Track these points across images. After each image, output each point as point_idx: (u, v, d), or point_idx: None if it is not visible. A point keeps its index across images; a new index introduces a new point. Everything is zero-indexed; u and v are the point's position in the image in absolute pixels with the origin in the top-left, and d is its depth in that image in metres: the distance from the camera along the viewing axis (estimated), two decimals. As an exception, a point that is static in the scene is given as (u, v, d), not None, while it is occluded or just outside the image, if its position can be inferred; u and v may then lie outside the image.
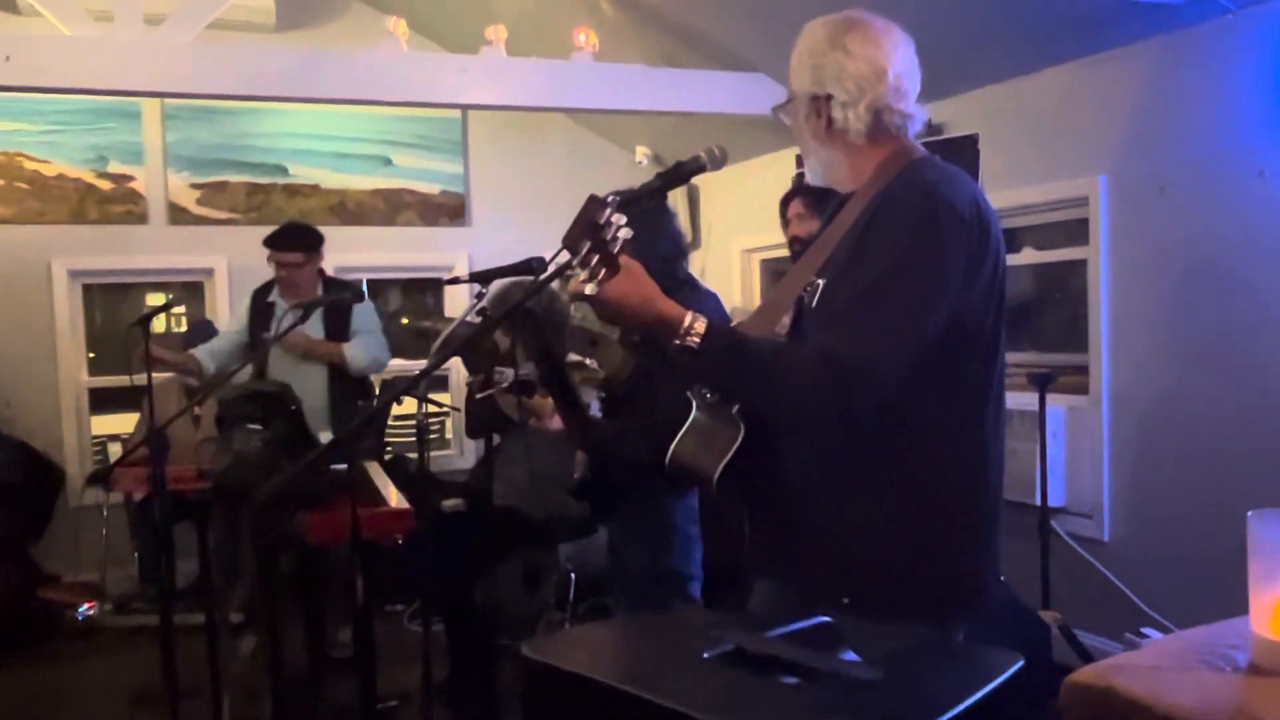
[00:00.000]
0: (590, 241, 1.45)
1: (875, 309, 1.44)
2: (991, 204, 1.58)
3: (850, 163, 1.61)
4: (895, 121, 1.58)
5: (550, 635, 2.68)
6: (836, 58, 1.56)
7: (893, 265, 1.45)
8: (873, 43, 1.57)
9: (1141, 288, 3.56)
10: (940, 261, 1.44)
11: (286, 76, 4.13)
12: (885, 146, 1.59)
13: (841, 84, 1.56)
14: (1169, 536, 3.48)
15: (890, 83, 1.56)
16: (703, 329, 1.46)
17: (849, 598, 1.49)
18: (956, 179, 1.53)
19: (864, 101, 1.55)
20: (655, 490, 2.41)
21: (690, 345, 1.46)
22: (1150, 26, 3.38)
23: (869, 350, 1.42)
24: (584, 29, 4.45)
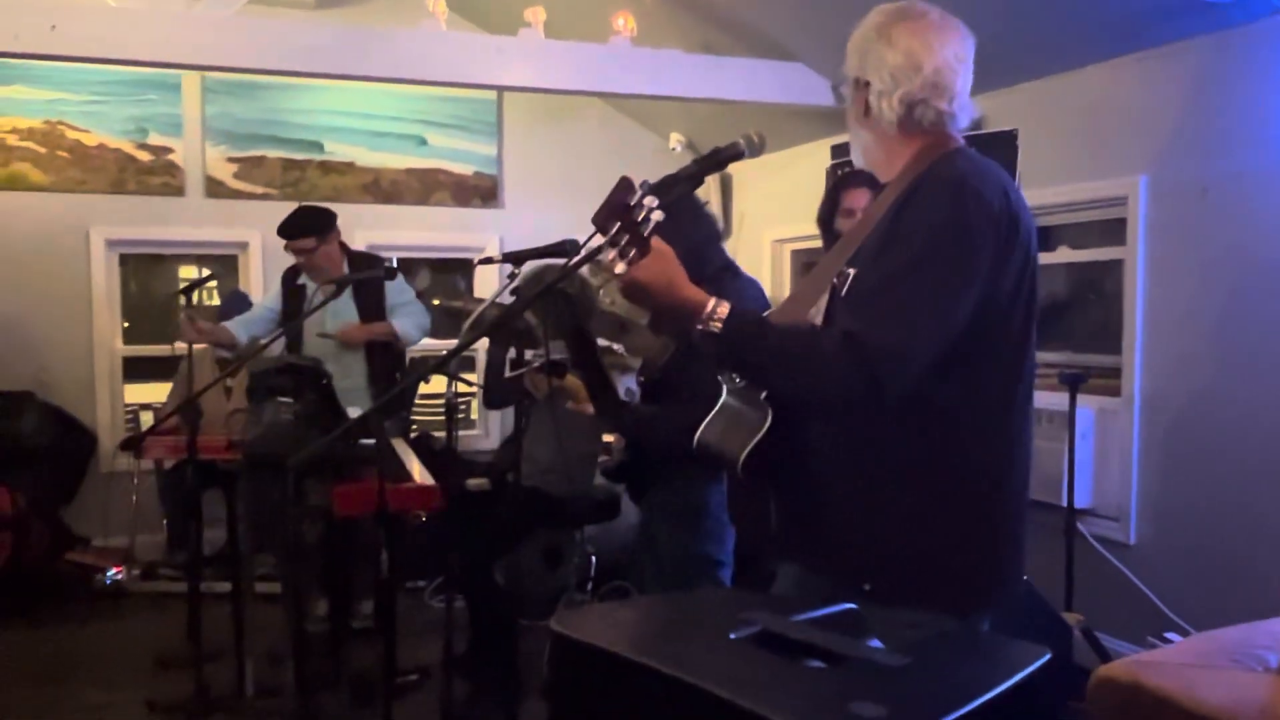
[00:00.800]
0: (621, 222, 1.45)
1: (899, 293, 1.44)
2: (1027, 200, 1.58)
3: (884, 150, 1.63)
4: (929, 116, 1.58)
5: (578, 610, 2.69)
6: (879, 47, 1.58)
7: (918, 251, 1.45)
8: (918, 36, 1.57)
9: (1179, 290, 3.52)
10: (967, 248, 1.44)
11: (325, 53, 4.16)
12: (918, 139, 1.59)
13: (879, 73, 1.57)
14: (1195, 542, 3.45)
15: (926, 77, 1.56)
16: (725, 313, 1.46)
17: (871, 585, 1.50)
18: (988, 170, 1.53)
19: (897, 93, 1.56)
20: (691, 474, 2.42)
21: (713, 330, 1.46)
22: (1197, 25, 3.33)
23: (892, 333, 1.41)
24: (623, 13, 4.45)
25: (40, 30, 3.74)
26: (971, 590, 1.54)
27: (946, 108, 1.58)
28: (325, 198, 5.48)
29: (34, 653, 4.00)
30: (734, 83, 4.58)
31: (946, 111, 1.59)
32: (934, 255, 1.44)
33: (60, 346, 5.20)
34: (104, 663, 3.91)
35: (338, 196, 5.50)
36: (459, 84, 4.89)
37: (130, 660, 3.91)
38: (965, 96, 1.61)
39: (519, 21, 4.41)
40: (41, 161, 5.12)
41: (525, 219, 5.86)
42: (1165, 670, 1.00)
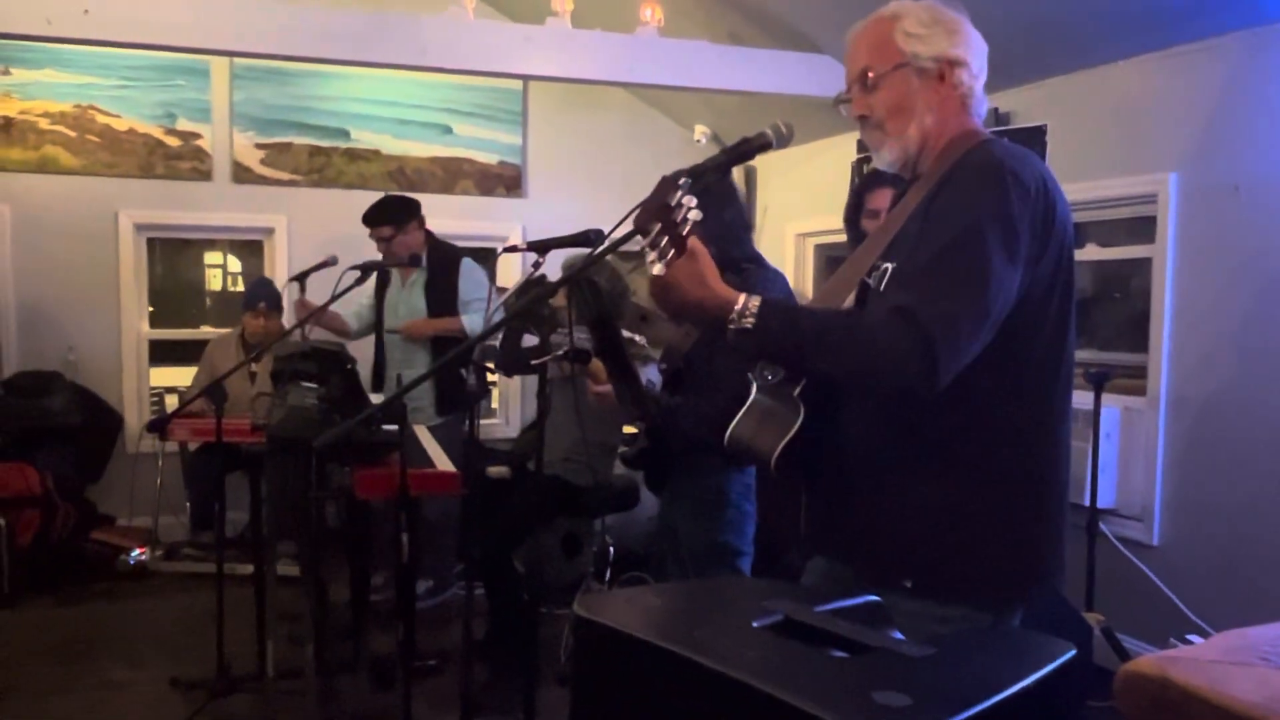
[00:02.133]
0: (661, 223, 1.45)
1: (947, 268, 1.42)
2: (1062, 190, 1.57)
3: (937, 136, 1.61)
4: (983, 106, 1.64)
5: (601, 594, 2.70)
6: (967, 28, 1.61)
7: (964, 229, 1.44)
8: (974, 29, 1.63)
9: (1208, 290, 3.48)
10: (1010, 226, 1.43)
11: (353, 40, 4.17)
12: (960, 124, 1.60)
13: (972, 52, 1.60)
14: (1219, 544, 3.42)
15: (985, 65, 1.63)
16: (756, 307, 1.45)
17: (914, 579, 1.49)
18: (1025, 157, 1.53)
19: (982, 75, 1.62)
20: (712, 463, 2.42)
21: (745, 327, 1.45)
22: (1229, 21, 3.29)
23: (948, 305, 1.38)
24: (650, 3, 4.43)
25: (74, 15, 3.78)
26: (1013, 583, 1.53)
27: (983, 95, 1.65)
28: (350, 185, 5.52)
29: (59, 630, 4.06)
30: (760, 74, 4.56)
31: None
32: (978, 232, 1.42)
33: (88, 329, 5.26)
34: (127, 641, 3.96)
35: (363, 183, 5.53)
36: (485, 73, 4.89)
37: (153, 639, 3.96)
38: None
39: (546, 10, 4.40)
40: (72, 145, 5.17)
41: (549, 208, 5.87)
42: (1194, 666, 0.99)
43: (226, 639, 3.27)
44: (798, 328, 1.46)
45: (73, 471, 4.96)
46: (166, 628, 4.09)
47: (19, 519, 4.52)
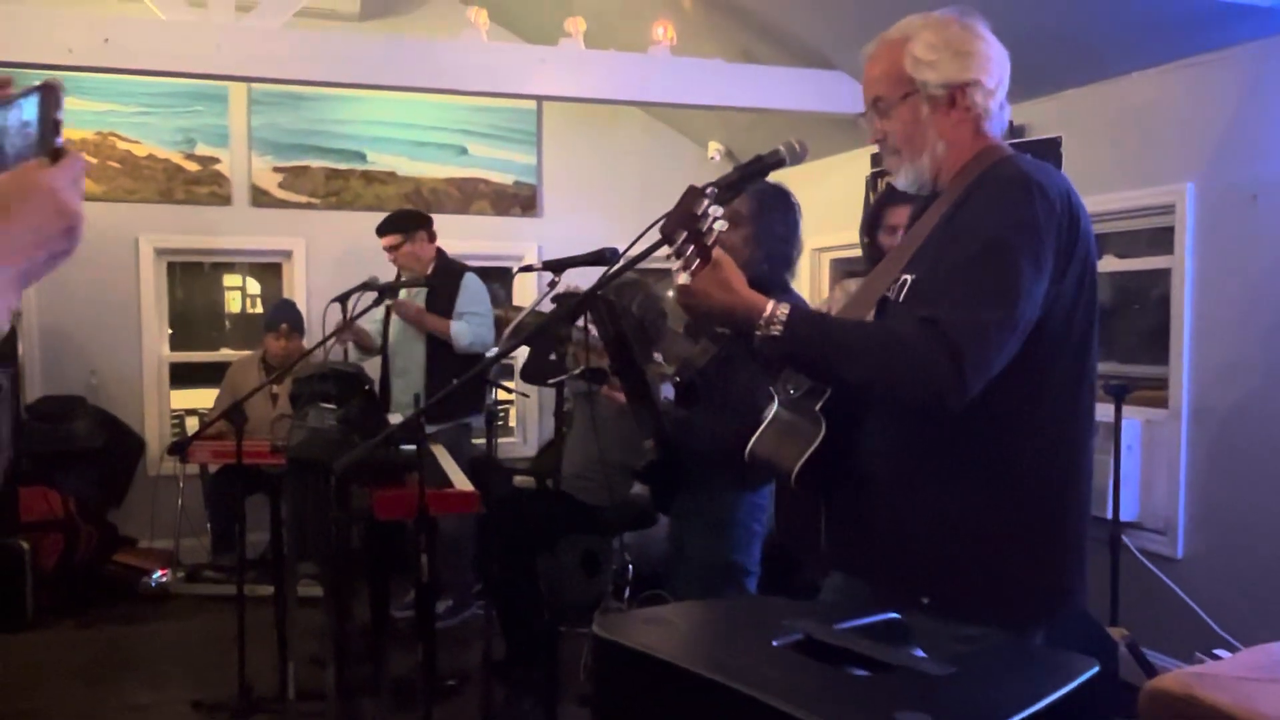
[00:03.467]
0: (687, 232, 1.46)
1: (973, 280, 1.42)
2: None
3: (955, 156, 1.60)
4: (1004, 117, 1.61)
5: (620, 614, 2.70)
6: (980, 46, 1.58)
7: (989, 240, 1.43)
8: (992, 36, 1.60)
9: (1228, 300, 3.46)
10: (1035, 238, 1.42)
11: (369, 64, 4.22)
12: (982, 140, 1.59)
13: (987, 70, 1.57)
14: (1245, 556, 3.38)
15: (1006, 78, 1.59)
16: (785, 314, 1.46)
17: (930, 597, 1.48)
18: (1047, 171, 1.53)
19: (1001, 89, 1.59)
20: (719, 482, 2.41)
21: (773, 334, 1.46)
22: (1243, 31, 3.27)
23: (975, 315, 1.38)
24: (663, 22, 4.46)
25: (94, 44, 3.84)
26: (1033, 602, 1.52)
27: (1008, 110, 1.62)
28: (368, 207, 5.56)
29: (82, 652, 4.08)
30: (773, 91, 4.58)
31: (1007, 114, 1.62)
32: (1004, 244, 1.42)
33: (110, 352, 5.31)
34: (150, 663, 3.98)
35: (380, 205, 5.56)
36: (500, 94, 4.93)
37: (175, 661, 3.98)
38: None
39: (559, 32, 4.44)
40: (93, 172, 5.23)
41: (564, 227, 5.89)
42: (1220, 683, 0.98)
43: (248, 661, 3.28)
44: (827, 336, 1.47)
45: (95, 494, 5.00)
46: (188, 650, 4.10)
47: (42, 542, 4.56)
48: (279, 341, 4.87)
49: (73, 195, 0.80)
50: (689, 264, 1.46)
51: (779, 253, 2.41)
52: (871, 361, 1.43)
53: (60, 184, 0.79)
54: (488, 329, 4.38)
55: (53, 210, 0.78)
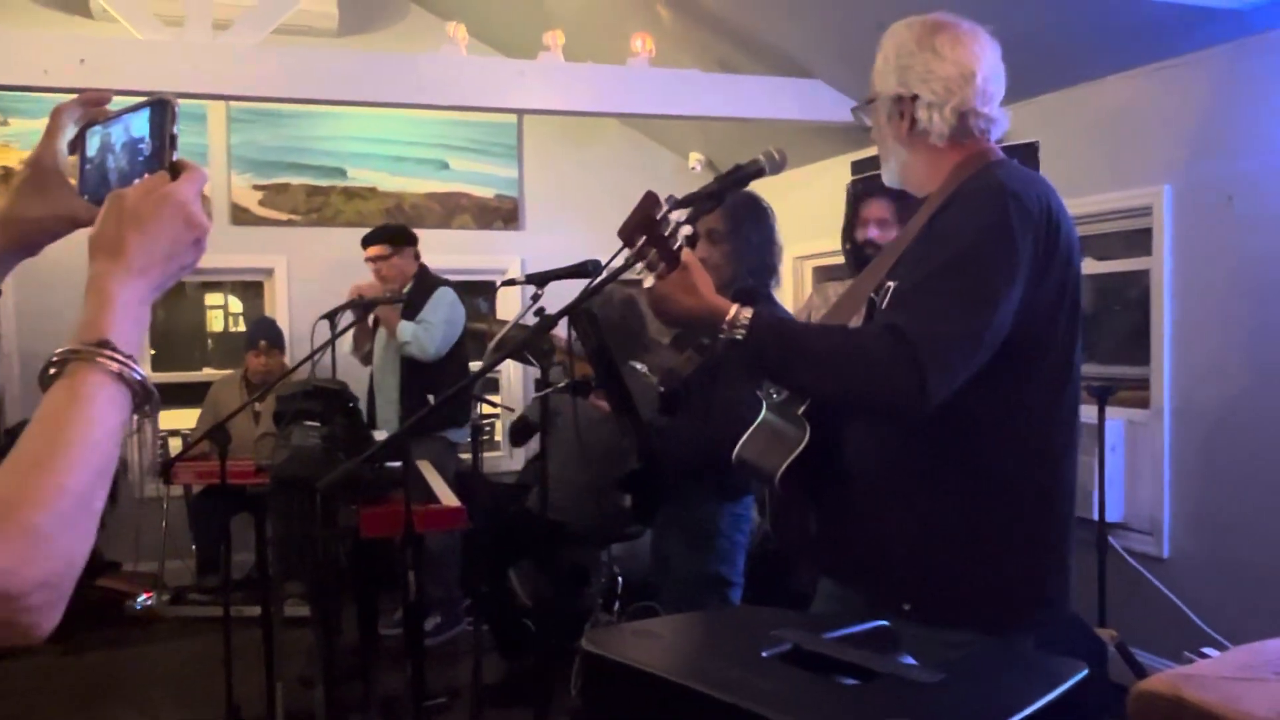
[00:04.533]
0: (646, 235, 1.46)
1: (942, 289, 1.42)
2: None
3: (929, 165, 1.60)
4: (980, 125, 1.57)
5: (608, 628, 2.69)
6: (925, 59, 1.56)
7: (959, 250, 1.44)
8: (962, 45, 1.57)
9: (1206, 299, 3.49)
10: (1008, 248, 1.42)
11: (348, 80, 4.21)
12: (965, 149, 1.58)
13: (929, 85, 1.55)
14: (1231, 555, 3.40)
15: (978, 86, 1.56)
16: (748, 318, 1.46)
17: (912, 603, 1.48)
18: (1030, 180, 1.53)
19: (950, 104, 1.55)
20: (699, 493, 2.41)
21: (736, 337, 1.46)
22: (1216, 34, 3.31)
23: (938, 325, 1.38)
24: (641, 34, 4.48)
25: (69, 65, 3.81)
26: (1014, 609, 1.52)
27: (994, 115, 1.59)
28: (349, 223, 5.55)
29: (67, 678, 4.03)
30: (752, 101, 4.60)
31: (993, 119, 1.59)
32: (975, 253, 1.43)
33: (90, 374, 5.26)
34: (137, 687, 3.94)
35: (361, 221, 5.55)
36: (480, 108, 4.93)
37: (162, 684, 3.94)
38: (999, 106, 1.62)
39: (538, 45, 4.45)
40: (71, 193, 5.20)
41: (547, 240, 5.89)
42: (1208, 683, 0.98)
43: (236, 682, 3.24)
44: (788, 341, 1.47)
45: (78, 518, 4.94)
46: (175, 673, 4.06)
47: (25, 568, 4.50)
48: (259, 358, 4.86)
49: (199, 207, 0.82)
50: (654, 267, 1.47)
51: (759, 262, 2.42)
52: (832, 368, 1.44)
53: (189, 196, 0.81)
54: (431, 339, 4.31)
55: (183, 223, 0.80)
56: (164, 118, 0.83)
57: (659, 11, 4.64)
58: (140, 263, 0.77)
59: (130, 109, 0.85)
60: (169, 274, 0.80)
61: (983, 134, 1.59)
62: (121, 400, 0.74)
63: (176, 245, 0.79)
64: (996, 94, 1.59)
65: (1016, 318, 1.44)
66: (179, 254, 0.80)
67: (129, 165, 0.83)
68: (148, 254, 0.77)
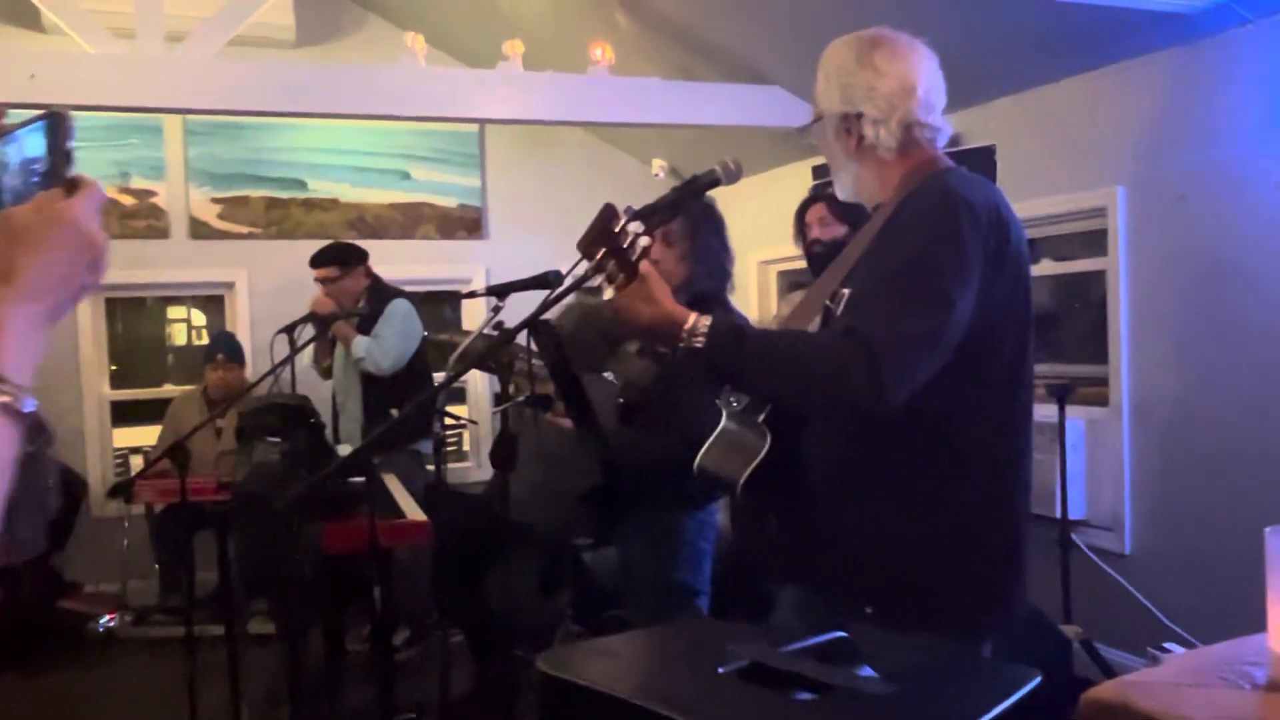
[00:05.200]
0: (606, 248, 1.46)
1: (897, 294, 1.44)
2: (1016, 214, 1.59)
3: (880, 177, 1.62)
4: (926, 135, 1.61)
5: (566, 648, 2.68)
6: (866, 76, 1.58)
7: (911, 255, 1.46)
8: (901, 59, 1.59)
9: (1161, 298, 3.54)
10: (959, 252, 1.44)
11: (306, 92, 4.17)
12: (913, 158, 1.61)
13: (872, 102, 1.57)
14: (1192, 550, 3.45)
15: (920, 98, 1.58)
16: (706, 326, 1.46)
17: (873, 608, 1.49)
18: (978, 185, 1.55)
19: (895, 117, 1.57)
20: (663, 502, 2.41)
21: (695, 345, 1.46)
22: (1167, 37, 3.37)
23: (894, 326, 1.40)
24: (600, 43, 4.47)
25: (19, 80, 3.75)
26: (972, 612, 1.54)
27: (937, 125, 1.62)
28: (310, 235, 5.50)
29: (28, 703, 3.96)
30: (713, 107, 4.61)
31: (938, 129, 1.62)
32: (928, 257, 1.44)
33: (48, 393, 5.17)
34: (99, 711, 3.87)
35: (322, 233, 5.50)
36: (440, 119, 4.91)
37: (126, 707, 3.87)
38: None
39: (497, 54, 4.43)
40: (25, 209, 5.11)
41: (511, 249, 5.87)
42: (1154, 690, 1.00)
43: (201, 703, 3.20)
44: (747, 347, 1.48)
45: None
46: (139, 695, 3.99)
47: (-18, 591, 4.42)
48: (217, 372, 4.82)
49: (96, 225, 0.77)
50: (613, 279, 1.47)
51: (717, 266, 2.42)
52: (790, 371, 1.45)
53: (83, 214, 0.76)
54: (385, 353, 4.28)
55: (78, 242, 0.75)
56: (59, 133, 0.78)
57: (617, 20, 4.64)
58: (32, 287, 0.72)
59: (23, 124, 0.81)
60: (65, 297, 0.75)
61: (929, 142, 1.62)
62: (9, 434, 0.69)
63: (72, 267, 0.75)
64: (938, 103, 1.61)
65: (970, 322, 1.45)
66: (75, 275, 0.75)
67: (23, 184, 0.79)
68: (40, 277, 0.73)
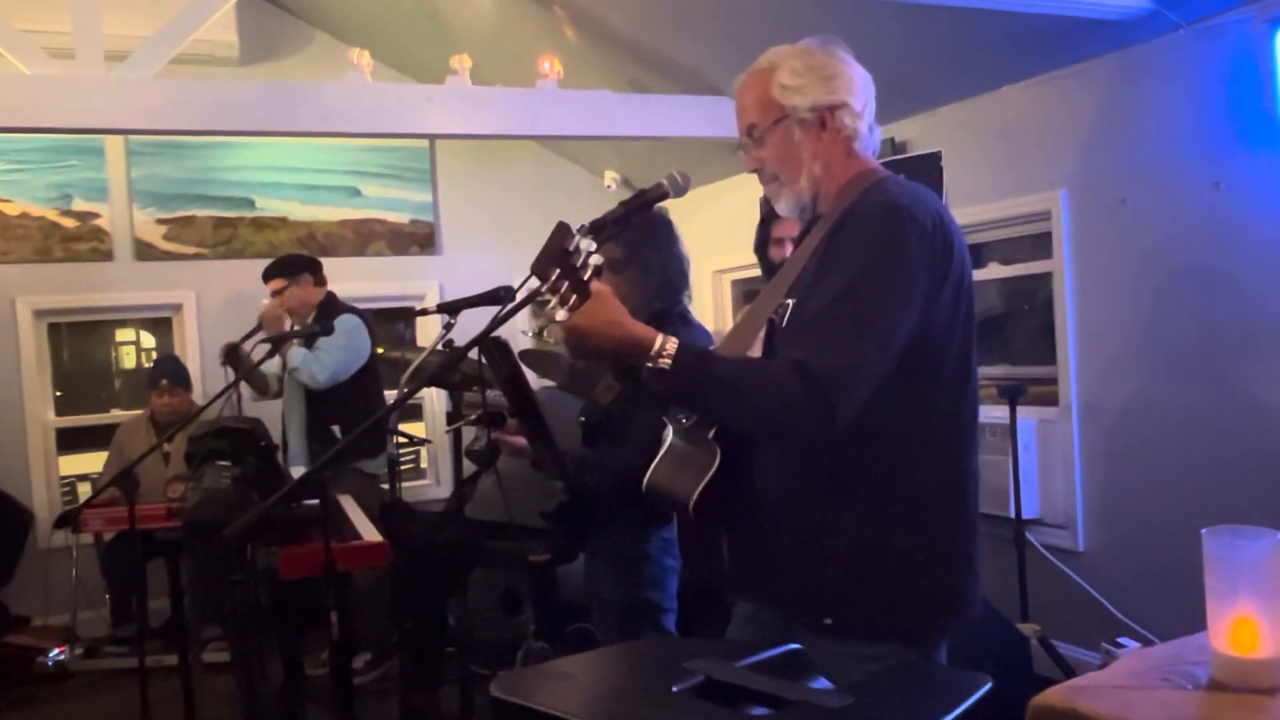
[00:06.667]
0: (560, 268, 1.45)
1: (844, 318, 1.44)
2: (956, 220, 1.60)
3: (833, 178, 1.63)
4: (875, 140, 1.65)
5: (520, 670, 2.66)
6: (844, 69, 1.62)
7: (858, 275, 1.46)
8: (855, 63, 1.64)
9: (1106, 299, 3.61)
10: (905, 268, 1.46)
11: (251, 110, 4.11)
12: (855, 165, 1.62)
13: (853, 92, 1.61)
14: (1142, 545, 3.51)
15: (872, 100, 1.63)
16: (673, 349, 1.46)
17: (833, 618, 1.49)
18: (919, 194, 1.56)
19: (866, 111, 1.62)
20: (626, 520, 2.40)
21: (662, 367, 1.46)
22: (1104, 43, 3.44)
23: (842, 357, 1.41)
24: (548, 56, 4.47)
25: (-48, 103, 3.66)
26: (928, 616, 1.54)
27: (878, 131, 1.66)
28: (260, 254, 5.42)
29: (-26, 744, 3.85)
30: (663, 119, 4.62)
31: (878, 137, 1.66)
32: (872, 277, 1.45)
33: (-10, 421, 5.05)
34: (49, 749, 3.77)
35: (272, 252, 5.42)
36: (389, 135, 4.87)
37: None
38: None
39: (445, 69, 4.41)
40: (-38, 234, 4.99)
41: (465, 264, 5.84)
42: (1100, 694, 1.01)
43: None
44: (707, 373, 1.48)
45: (-19, 573, 4.73)
46: (91, 730, 3.90)
47: (-76, 629, 4.29)
48: (163, 398, 4.73)
49: None
50: (565, 300, 1.46)
51: (665, 282, 2.41)
52: (747, 405, 1.46)
53: None
54: (321, 366, 4.22)
55: None
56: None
57: (565, 33, 4.64)
58: None
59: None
60: None
61: (870, 151, 1.65)
62: None
63: None
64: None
65: (915, 332, 1.47)
66: None
67: None
68: None
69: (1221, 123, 3.18)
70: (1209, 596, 1.09)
